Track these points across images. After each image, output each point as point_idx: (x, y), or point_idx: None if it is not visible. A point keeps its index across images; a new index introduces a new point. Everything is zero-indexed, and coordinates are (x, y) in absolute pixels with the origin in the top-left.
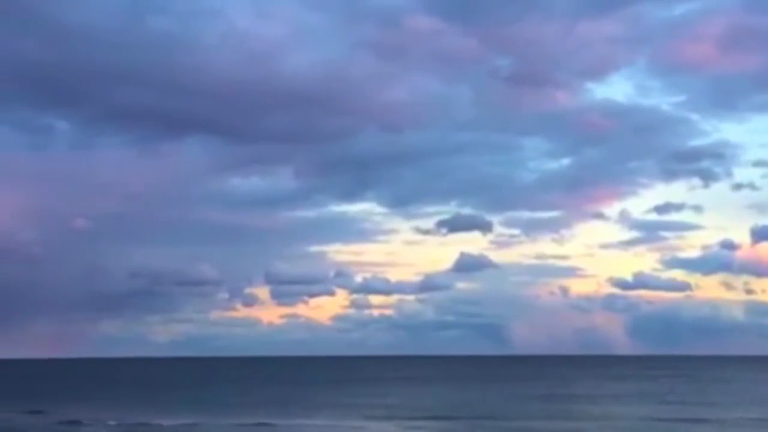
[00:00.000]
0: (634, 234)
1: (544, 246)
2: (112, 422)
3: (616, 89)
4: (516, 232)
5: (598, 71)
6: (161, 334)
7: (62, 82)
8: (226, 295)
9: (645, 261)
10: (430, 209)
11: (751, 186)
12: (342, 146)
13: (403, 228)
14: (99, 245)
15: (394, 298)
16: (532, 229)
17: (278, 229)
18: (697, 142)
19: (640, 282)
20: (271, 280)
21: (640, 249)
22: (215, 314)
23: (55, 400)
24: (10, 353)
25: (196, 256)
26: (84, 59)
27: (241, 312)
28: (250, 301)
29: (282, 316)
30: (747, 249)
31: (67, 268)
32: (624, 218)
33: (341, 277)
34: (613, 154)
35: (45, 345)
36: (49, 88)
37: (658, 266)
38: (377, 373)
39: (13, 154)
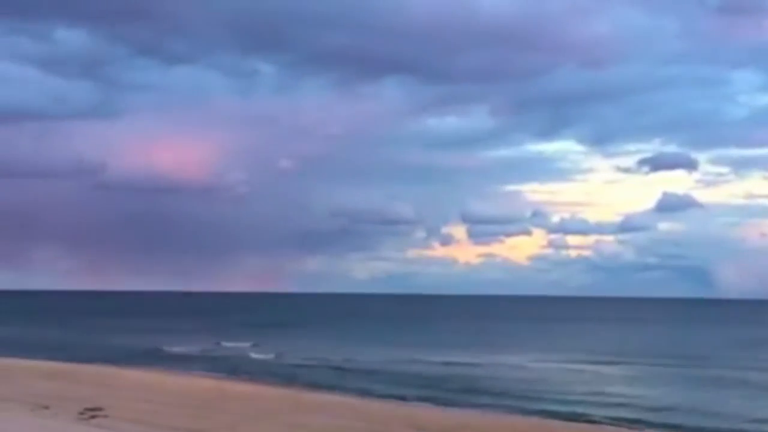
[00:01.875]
0: None
1: (755, 185)
2: (313, 360)
3: None
4: (724, 170)
5: None
6: (361, 272)
7: (268, 27)
8: (423, 234)
9: None
10: (631, 147)
11: None
12: (539, 83)
13: (602, 167)
14: (302, 185)
15: (592, 239)
16: (741, 167)
17: (474, 169)
18: None
19: None
20: (468, 219)
21: None
22: (413, 253)
23: (269, 334)
24: (222, 286)
25: (394, 196)
26: (289, 4)
27: (438, 251)
28: (447, 241)
29: (478, 256)
30: None
31: (272, 207)
32: None
33: (538, 216)
34: None
35: (253, 280)
36: (255, 33)
37: None
38: (576, 313)
39: (222, 98)
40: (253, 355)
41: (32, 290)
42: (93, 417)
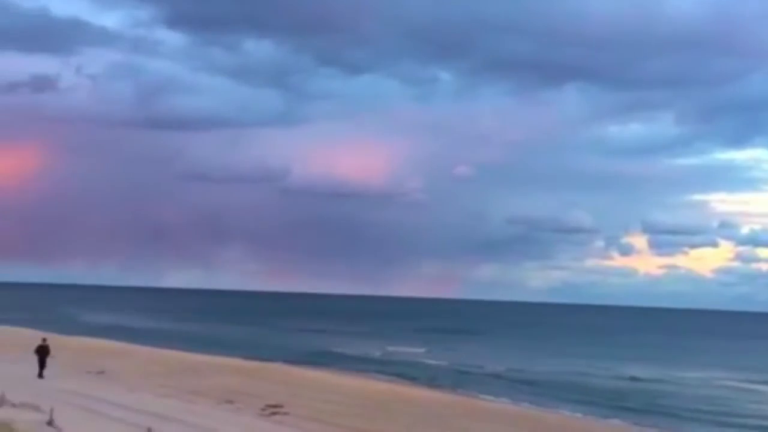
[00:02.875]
0: None
1: None
2: (498, 368)
3: None
4: None
5: None
6: (537, 280)
7: (447, 34)
8: (602, 244)
9: None
10: None
11: None
12: (729, 89)
13: None
14: (479, 192)
15: None
16: None
17: (657, 177)
18: None
19: None
20: (649, 229)
21: None
22: (591, 262)
23: (443, 340)
24: (397, 291)
25: (572, 204)
26: (468, 12)
27: (618, 261)
28: (627, 251)
29: (660, 267)
30: None
31: (448, 214)
32: None
33: (726, 228)
34: None
35: (427, 285)
36: (435, 41)
37: None
38: (765, 331)
39: (401, 106)
40: (427, 361)
41: (219, 289)
42: (274, 414)
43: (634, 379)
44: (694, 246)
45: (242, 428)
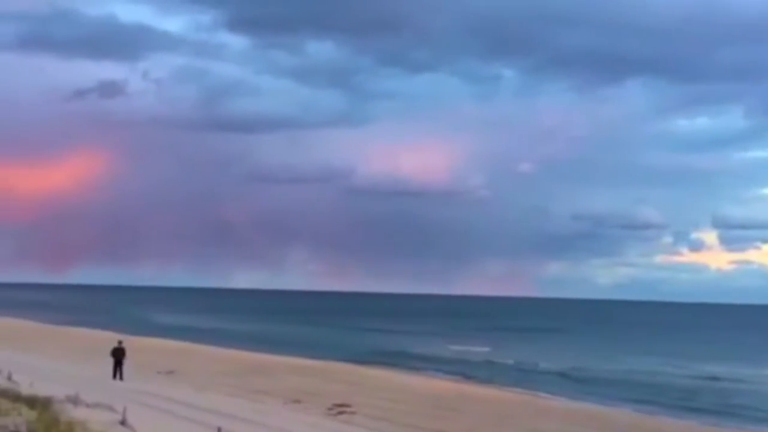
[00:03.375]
0: None
1: None
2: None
3: None
4: None
5: None
6: (604, 277)
7: (509, 31)
8: (670, 239)
9: None
10: None
11: None
12: None
13: None
14: (543, 188)
15: None
16: None
17: (727, 171)
18: None
19: None
20: (719, 224)
21: None
22: (660, 258)
23: (508, 338)
24: (461, 290)
25: (639, 199)
26: (529, 8)
27: (687, 257)
28: (697, 246)
29: (731, 262)
30: None
31: (513, 211)
32: None
33: None
34: None
35: (492, 283)
36: (497, 37)
37: None
38: None
39: (463, 103)
40: (492, 359)
41: (285, 290)
42: (341, 413)
43: (711, 377)
44: (766, 240)
45: (310, 428)
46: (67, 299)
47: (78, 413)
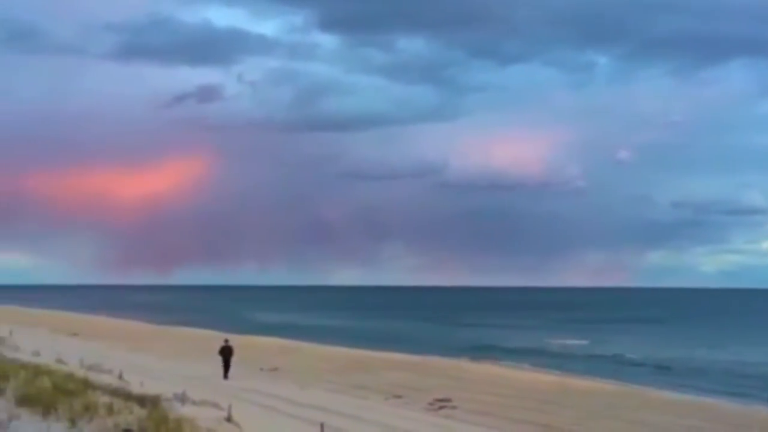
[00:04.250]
0: None
1: None
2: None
3: None
4: None
5: None
6: (708, 265)
7: (601, 18)
8: None
9: None
10: None
11: None
12: None
13: None
14: (641, 176)
15: None
16: None
17: None
18: None
19: None
20: None
21: None
22: None
23: (608, 330)
24: (560, 281)
25: (744, 184)
26: None
27: None
28: None
29: None
30: None
31: (610, 200)
32: None
33: None
34: None
35: (591, 274)
36: (589, 26)
37: None
38: None
39: (557, 93)
40: (591, 352)
41: (382, 285)
42: (442, 407)
43: None
44: None
45: (413, 422)
46: (172, 300)
47: (185, 411)
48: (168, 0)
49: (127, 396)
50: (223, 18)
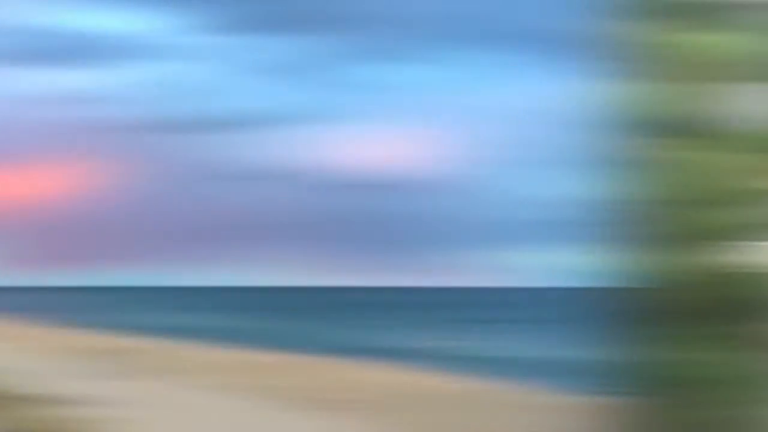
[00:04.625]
0: None
1: None
2: None
3: None
4: None
5: None
6: None
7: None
8: None
9: None
10: None
11: None
12: None
13: None
14: (525, 173)
15: None
16: None
17: None
18: None
19: None
20: None
21: None
22: None
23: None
24: (441, 281)
25: None
26: None
27: None
28: None
29: None
30: None
31: (493, 198)
32: None
33: None
34: None
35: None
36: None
37: None
38: None
39: (440, 92)
40: (466, 352)
41: (256, 286)
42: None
43: None
44: None
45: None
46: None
47: None
48: (51, 3)
49: None
50: (107, 21)
